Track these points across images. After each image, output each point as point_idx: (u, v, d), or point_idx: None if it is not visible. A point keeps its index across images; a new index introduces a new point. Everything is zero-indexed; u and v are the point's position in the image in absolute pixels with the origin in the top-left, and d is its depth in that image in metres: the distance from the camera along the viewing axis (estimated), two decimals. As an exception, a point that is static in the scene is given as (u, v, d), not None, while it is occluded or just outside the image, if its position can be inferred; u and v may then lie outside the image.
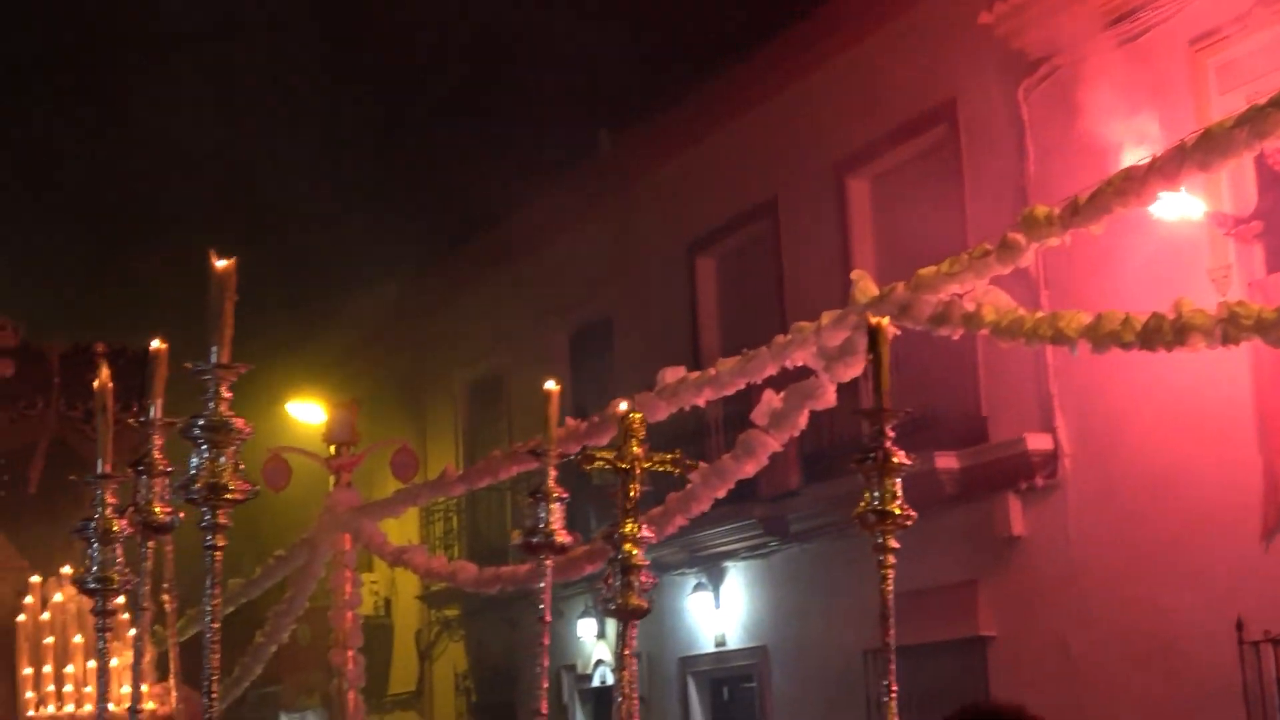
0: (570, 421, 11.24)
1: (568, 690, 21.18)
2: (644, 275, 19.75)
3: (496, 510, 22.42)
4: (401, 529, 18.74)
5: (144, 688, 11.04)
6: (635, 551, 5.49)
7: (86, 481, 5.22)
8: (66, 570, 12.10)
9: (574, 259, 21.11)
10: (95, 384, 5.26)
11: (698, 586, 18.27)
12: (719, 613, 18.10)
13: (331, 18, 23.59)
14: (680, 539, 15.16)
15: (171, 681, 11.40)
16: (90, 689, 11.39)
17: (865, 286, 8.30)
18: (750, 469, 9.22)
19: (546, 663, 5.85)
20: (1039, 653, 14.03)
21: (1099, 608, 13.51)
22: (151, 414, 5.19)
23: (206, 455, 4.43)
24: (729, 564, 17.98)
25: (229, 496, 4.46)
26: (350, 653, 13.21)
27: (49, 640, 11.58)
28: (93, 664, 11.43)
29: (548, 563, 5.82)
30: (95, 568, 5.27)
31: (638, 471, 5.57)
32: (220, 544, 4.53)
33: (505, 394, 23.21)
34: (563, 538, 5.77)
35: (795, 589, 17.06)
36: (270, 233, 23.92)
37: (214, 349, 4.39)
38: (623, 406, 6.51)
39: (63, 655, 11.59)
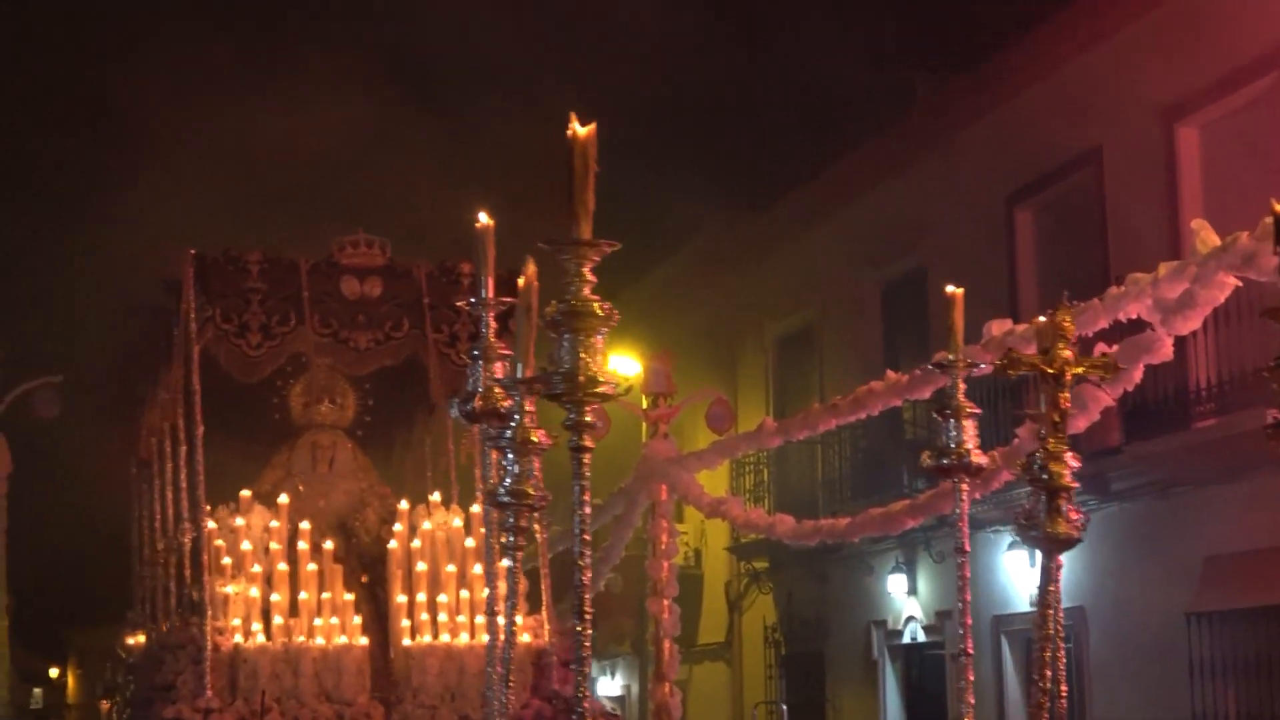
0: (890, 374, 11.14)
1: (877, 646, 21.08)
2: (960, 226, 19.42)
3: (807, 464, 22.37)
4: (711, 481, 18.84)
5: (517, 619, 11.17)
6: (1064, 472, 4.87)
7: (504, 385, 4.77)
8: (435, 497, 12.15)
9: (889, 210, 20.88)
10: (459, 303, 4.97)
11: (1012, 544, 17.95)
12: (1034, 571, 17.74)
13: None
14: (996, 495, 14.87)
15: (545, 614, 11.29)
16: (464, 619, 11.37)
17: (1206, 236, 7.97)
18: (1081, 424, 8.95)
19: (968, 597, 5.38)
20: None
21: None
22: (484, 294, 4.79)
23: (568, 346, 3.89)
24: (1045, 522, 17.62)
25: (598, 390, 3.89)
26: (666, 602, 13.30)
27: (421, 568, 11.50)
28: (465, 594, 11.47)
29: (962, 486, 5.32)
30: (509, 480, 4.68)
31: (1068, 378, 4.96)
32: (588, 445, 3.98)
33: (816, 346, 23.11)
34: (979, 458, 5.24)
35: (1114, 549, 16.64)
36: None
37: (574, 224, 3.86)
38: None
39: (434, 584, 11.49)
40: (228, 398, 11.50)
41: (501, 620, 10.86)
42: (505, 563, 5.06)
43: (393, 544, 11.66)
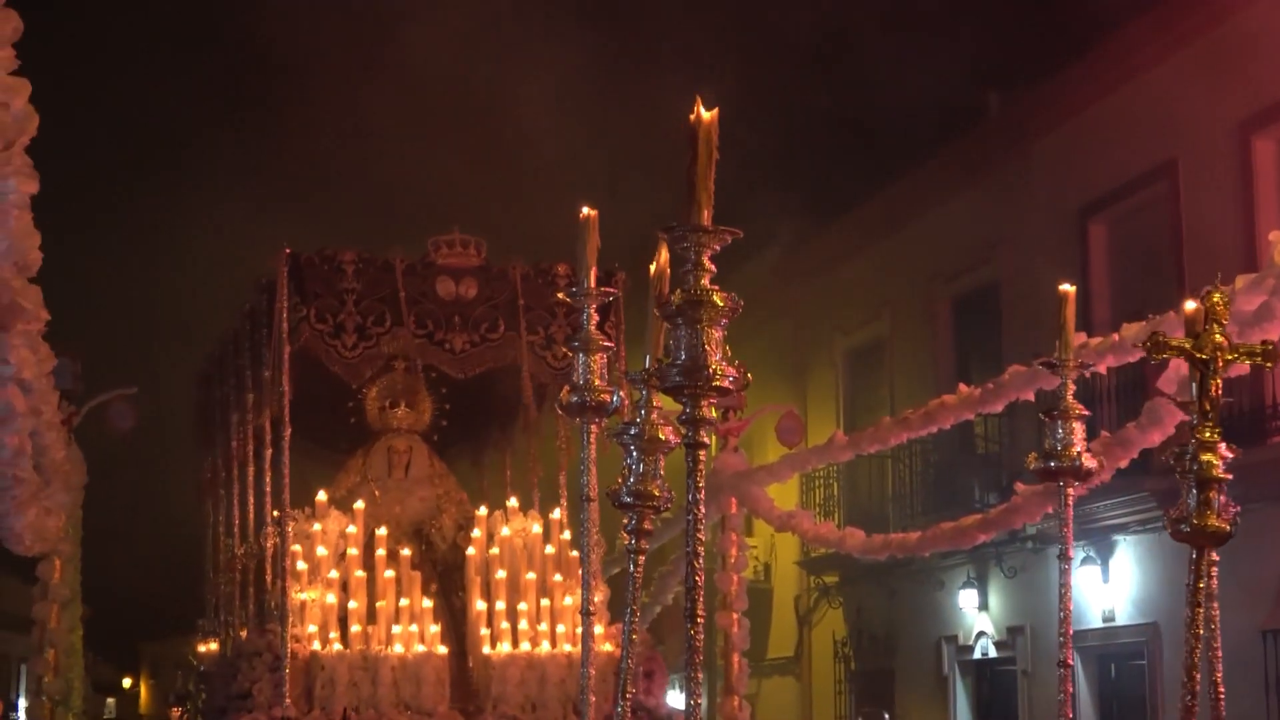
0: (962, 387, 11.10)
1: (948, 662, 20.95)
2: (1032, 240, 19.30)
3: (877, 478, 22.28)
4: (781, 495, 18.78)
5: (599, 628, 10.94)
6: (1215, 462, 4.65)
7: (630, 379, 4.41)
8: (513, 504, 11.96)
9: (960, 225, 20.77)
10: (557, 299, 4.74)
11: (1085, 560, 17.82)
12: (1107, 587, 17.63)
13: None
14: (1067, 510, 14.78)
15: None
16: (544, 627, 11.14)
17: (1284, 249, 7.90)
18: (1156, 438, 8.92)
19: (1070, 605, 5.16)
20: None
21: None
22: (585, 285, 4.47)
23: (687, 337, 3.65)
24: (1119, 538, 17.49)
25: (718, 384, 3.66)
26: (735, 616, 13.30)
27: (501, 575, 11.25)
28: (545, 602, 11.23)
29: (1069, 491, 5.09)
30: (632, 480, 4.29)
31: (1220, 365, 4.73)
32: (704, 442, 3.73)
33: (887, 360, 23.02)
34: (1089, 462, 5.02)
35: (1189, 565, 16.47)
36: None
37: (695, 211, 3.68)
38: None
39: (514, 591, 11.26)
40: (303, 401, 11.31)
41: (599, 629, 10.60)
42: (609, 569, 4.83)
43: (471, 550, 11.46)
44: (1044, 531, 17.48)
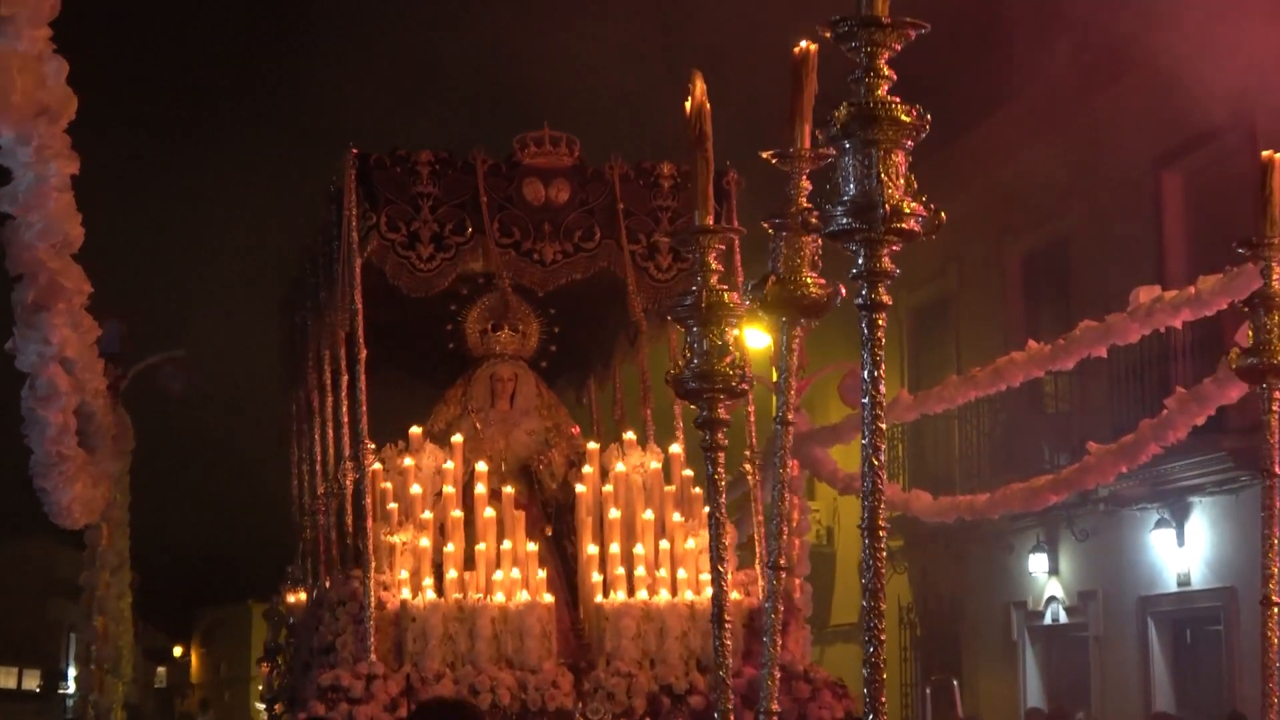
0: (1031, 344, 10.74)
1: (1017, 627, 20.60)
2: (1104, 193, 18.81)
3: (943, 438, 21.86)
4: (844, 456, 18.39)
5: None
6: None
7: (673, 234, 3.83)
8: (629, 436, 10.75)
9: (1029, 178, 20.25)
10: (661, 204, 4.10)
11: (1159, 523, 17.39)
12: (1183, 551, 17.17)
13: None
14: (1141, 472, 14.35)
15: (758, 568, 9.95)
16: (664, 573, 9.98)
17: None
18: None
19: (1275, 530, 4.33)
20: None
21: None
22: (799, 144, 3.63)
23: (859, 164, 2.87)
24: (1194, 499, 17.02)
25: (898, 224, 2.91)
26: (798, 580, 12.98)
27: (615, 515, 10.14)
28: (665, 545, 10.11)
29: (1275, 394, 4.28)
30: (696, 360, 3.74)
31: None
32: (884, 301, 3.04)
33: (953, 318, 22.58)
34: None
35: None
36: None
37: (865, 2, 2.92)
38: None
39: (629, 534, 10.14)
40: (396, 326, 10.39)
41: (704, 575, 9.83)
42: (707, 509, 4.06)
43: (581, 488, 10.32)
44: (1117, 493, 17.08)
